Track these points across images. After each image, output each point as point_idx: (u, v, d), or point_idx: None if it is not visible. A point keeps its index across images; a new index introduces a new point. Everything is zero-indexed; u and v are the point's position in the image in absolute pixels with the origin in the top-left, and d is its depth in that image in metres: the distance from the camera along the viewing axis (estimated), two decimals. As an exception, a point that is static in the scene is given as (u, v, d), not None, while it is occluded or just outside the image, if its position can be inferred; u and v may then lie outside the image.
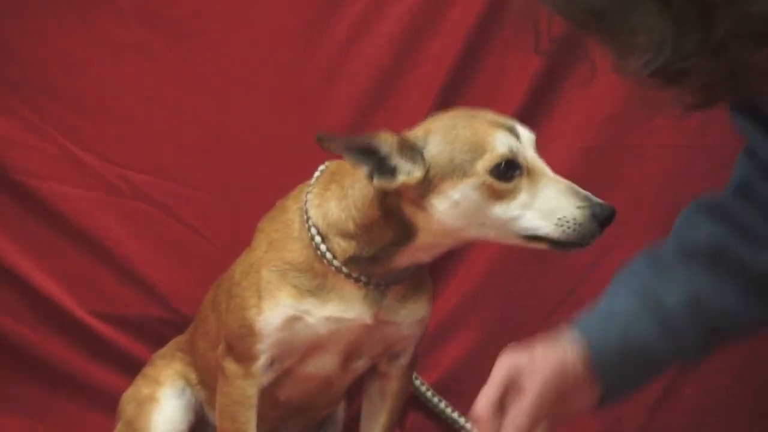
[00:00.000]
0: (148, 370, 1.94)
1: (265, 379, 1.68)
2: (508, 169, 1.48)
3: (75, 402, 2.10)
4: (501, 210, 1.49)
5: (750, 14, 0.97)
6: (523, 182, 1.49)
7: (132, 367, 2.01)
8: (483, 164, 1.48)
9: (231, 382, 1.68)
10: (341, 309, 1.62)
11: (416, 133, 1.53)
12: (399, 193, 1.52)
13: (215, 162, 2.07)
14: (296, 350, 1.67)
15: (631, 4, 1.00)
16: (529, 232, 1.49)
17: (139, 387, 1.91)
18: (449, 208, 1.50)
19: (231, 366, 1.68)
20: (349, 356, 1.70)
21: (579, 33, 1.10)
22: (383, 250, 1.57)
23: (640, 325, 1.47)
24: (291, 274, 1.63)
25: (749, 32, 1.00)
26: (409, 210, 1.53)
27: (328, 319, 1.62)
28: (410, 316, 1.67)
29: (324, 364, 1.71)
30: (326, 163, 1.68)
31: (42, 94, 2.04)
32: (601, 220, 1.47)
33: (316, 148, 1.51)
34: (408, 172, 1.49)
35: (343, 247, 1.59)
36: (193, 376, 1.90)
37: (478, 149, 1.49)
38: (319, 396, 1.82)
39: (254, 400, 1.68)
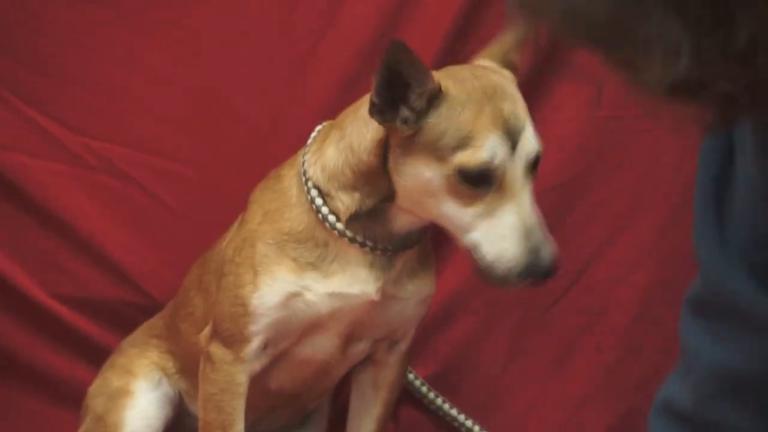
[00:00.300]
0: (117, 360, 1.84)
1: (257, 364, 1.61)
2: (479, 177, 1.43)
3: (36, 396, 2.00)
4: (453, 210, 1.45)
5: None
6: (489, 195, 1.44)
7: (99, 357, 1.91)
8: (459, 159, 1.43)
9: (218, 368, 1.61)
10: (345, 283, 1.56)
11: (447, 84, 1.45)
12: (389, 141, 1.48)
13: (193, 133, 1.97)
14: (293, 331, 1.60)
15: (642, 10, 0.93)
16: (467, 245, 1.45)
17: (109, 379, 1.82)
18: (411, 181, 1.47)
19: (218, 351, 1.60)
20: (349, 338, 1.64)
21: (585, 51, 1.01)
22: (381, 202, 1.52)
23: None
24: (290, 245, 1.56)
25: None
26: (390, 167, 1.49)
27: (330, 295, 1.56)
28: (417, 292, 1.62)
29: (323, 346, 1.64)
30: (323, 123, 1.63)
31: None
32: (534, 277, 1.44)
33: (301, 125, 1.53)
34: (404, 121, 1.44)
35: (345, 202, 1.53)
36: (170, 365, 1.81)
37: (465, 141, 1.43)
38: (313, 384, 1.75)
39: (243, 389, 1.61)
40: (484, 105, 1.45)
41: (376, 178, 1.51)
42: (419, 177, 1.46)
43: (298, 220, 1.56)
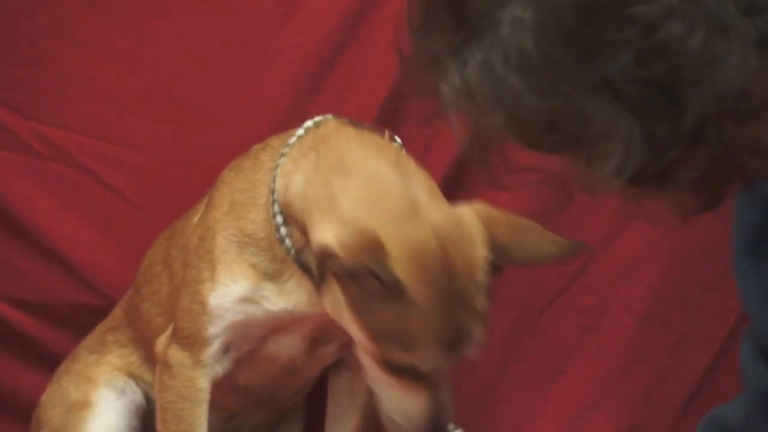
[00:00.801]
0: (74, 366, 1.77)
1: (219, 368, 1.58)
2: (404, 369, 1.42)
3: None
4: (366, 359, 1.45)
5: (719, 91, 0.95)
6: (409, 377, 1.43)
7: (52, 363, 1.85)
8: (392, 353, 1.41)
9: (176, 373, 1.57)
10: (301, 302, 1.53)
11: (405, 269, 1.37)
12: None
13: (152, 121, 1.91)
14: (253, 335, 1.58)
15: (586, 106, 0.97)
16: (370, 386, 1.49)
17: (65, 388, 1.75)
18: (334, 312, 1.45)
19: (177, 354, 1.56)
20: (315, 341, 1.61)
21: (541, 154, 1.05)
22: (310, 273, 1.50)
23: None
24: (249, 249, 1.53)
25: (723, 111, 0.96)
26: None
27: (286, 309, 1.54)
28: None
29: (287, 346, 1.61)
30: (318, 119, 1.56)
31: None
32: None
33: (261, 112, 1.57)
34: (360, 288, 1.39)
35: (298, 238, 1.49)
36: (134, 359, 1.75)
37: (406, 345, 1.40)
38: (283, 383, 1.72)
39: (205, 395, 1.58)
40: (440, 315, 1.39)
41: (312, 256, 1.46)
42: (342, 315, 1.43)
43: (261, 227, 1.51)
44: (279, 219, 1.49)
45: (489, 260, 1.42)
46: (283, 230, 1.49)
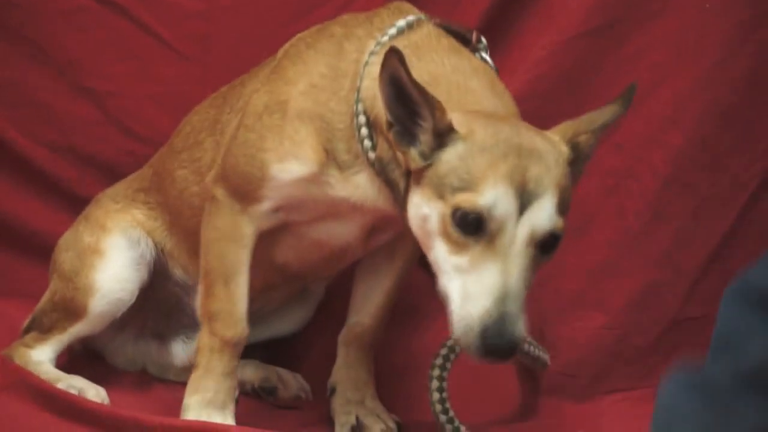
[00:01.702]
0: (93, 212, 1.81)
1: (266, 223, 1.61)
2: (472, 224, 1.38)
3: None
4: (440, 252, 1.42)
5: None
6: (478, 248, 1.38)
7: (76, 206, 1.91)
8: (457, 198, 1.39)
9: (223, 214, 1.60)
10: (368, 196, 1.55)
11: (462, 126, 1.41)
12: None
13: None
14: (308, 210, 1.60)
15: None
16: (446, 296, 1.42)
17: (81, 233, 1.79)
18: (412, 212, 1.45)
19: (225, 199, 1.60)
20: (372, 230, 1.64)
21: None
22: (397, 192, 1.50)
23: None
24: (324, 135, 1.54)
25: None
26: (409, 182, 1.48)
27: (347, 198, 1.56)
28: None
29: (341, 234, 1.64)
30: (411, 19, 1.55)
31: None
32: (488, 349, 1.36)
33: None
34: (421, 153, 1.41)
35: (382, 146, 1.49)
36: (158, 223, 1.79)
37: (469, 183, 1.40)
38: (322, 267, 1.76)
39: (249, 240, 1.61)
40: (507, 158, 1.39)
41: (400, 171, 1.47)
42: (419, 210, 1.44)
43: (340, 118, 1.52)
44: (362, 119, 1.51)
45: (569, 156, 1.43)
46: (364, 131, 1.51)
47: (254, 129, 1.58)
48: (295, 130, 1.55)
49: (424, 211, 1.43)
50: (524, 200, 1.40)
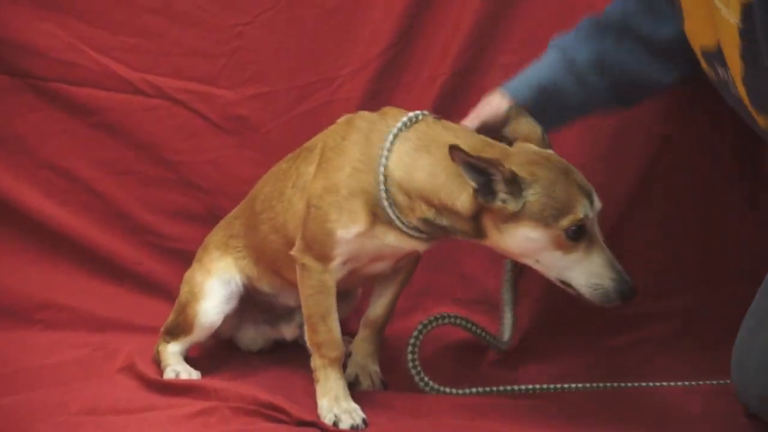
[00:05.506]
0: (203, 257, 2.12)
1: (339, 274, 1.88)
2: (577, 232, 1.72)
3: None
4: (556, 257, 1.73)
5: None
6: (583, 244, 1.72)
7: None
8: (563, 223, 1.70)
9: (312, 275, 1.87)
10: (401, 240, 1.84)
11: (524, 172, 1.71)
12: (488, 210, 1.74)
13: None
14: (364, 258, 1.89)
15: None
16: (568, 281, 1.75)
17: (195, 272, 2.10)
18: (520, 240, 1.74)
19: (311, 263, 1.86)
20: (400, 260, 1.96)
21: None
22: (455, 231, 1.80)
23: (556, 76, 1.86)
24: (371, 203, 1.81)
25: None
26: (487, 223, 1.75)
27: (390, 244, 1.85)
28: None
29: (381, 266, 1.95)
30: (413, 116, 1.83)
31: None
32: (625, 296, 1.73)
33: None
34: (504, 201, 1.71)
35: (422, 210, 1.78)
36: (246, 262, 2.07)
37: (565, 210, 1.70)
38: (363, 284, 2.13)
39: (333, 290, 1.88)
40: (567, 179, 1.72)
41: (460, 220, 1.77)
42: (525, 238, 1.71)
43: (377, 188, 1.80)
44: (385, 203, 1.78)
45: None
46: (385, 202, 1.77)
47: (320, 207, 1.82)
48: (349, 203, 1.81)
49: (533, 236, 1.70)
50: (590, 199, 1.73)
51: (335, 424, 1.83)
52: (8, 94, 2.33)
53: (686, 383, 2.04)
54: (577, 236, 1.72)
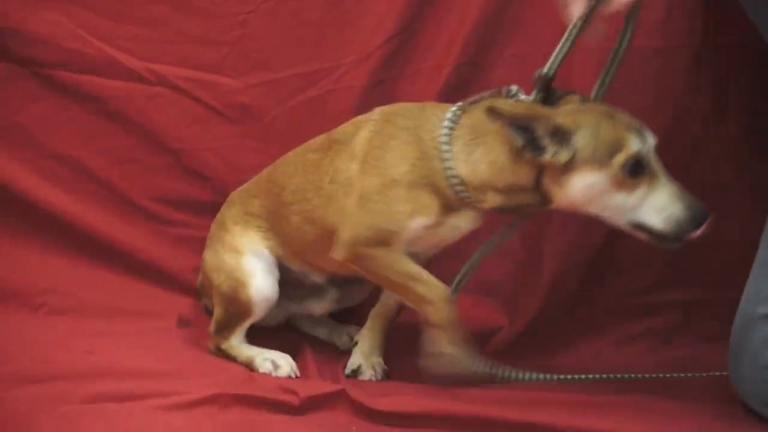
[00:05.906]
0: (224, 235, 2.11)
1: (405, 251, 1.90)
2: (635, 167, 1.72)
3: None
4: (622, 199, 1.74)
5: None
6: (645, 179, 1.73)
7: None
8: (618, 160, 1.72)
9: (376, 256, 1.88)
10: (465, 221, 1.89)
11: (566, 121, 1.73)
12: (542, 167, 1.76)
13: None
14: (424, 243, 1.93)
15: None
16: (639, 222, 1.75)
17: (221, 254, 2.09)
18: (582, 189, 1.75)
19: (372, 251, 1.88)
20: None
21: None
22: (525, 206, 1.83)
23: None
24: (438, 193, 1.85)
25: None
26: (547, 182, 1.77)
27: (454, 227, 1.90)
28: None
29: (428, 248, 1.98)
30: (456, 109, 1.86)
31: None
32: (699, 222, 1.72)
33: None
34: (554, 153, 1.73)
35: (495, 199, 1.82)
36: (272, 243, 2.07)
37: (616, 147, 1.72)
38: None
39: (403, 255, 1.89)
40: (611, 119, 1.74)
41: (523, 192, 1.79)
42: (585, 185, 1.73)
43: (442, 182, 1.84)
44: (455, 181, 1.82)
45: None
46: (460, 188, 1.81)
47: (381, 201, 1.85)
48: (415, 195, 1.84)
49: (592, 181, 1.71)
50: (640, 134, 1.73)
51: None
52: (12, 82, 2.34)
53: (688, 375, 2.04)
54: (635, 172, 1.72)
